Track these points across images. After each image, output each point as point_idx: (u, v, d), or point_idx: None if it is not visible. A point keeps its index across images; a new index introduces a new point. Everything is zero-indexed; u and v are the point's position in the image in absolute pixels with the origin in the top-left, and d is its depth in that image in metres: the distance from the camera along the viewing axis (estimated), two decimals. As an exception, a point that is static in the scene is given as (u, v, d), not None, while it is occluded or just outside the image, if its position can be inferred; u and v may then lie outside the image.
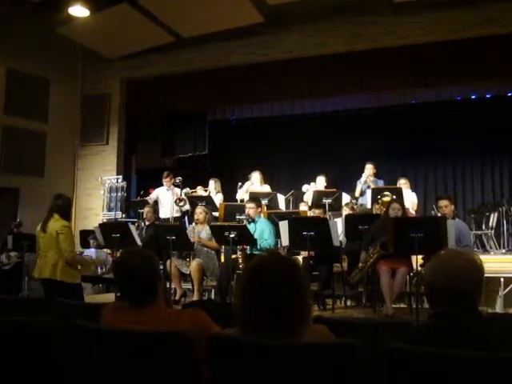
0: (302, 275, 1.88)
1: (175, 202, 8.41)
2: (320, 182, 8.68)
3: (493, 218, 8.66)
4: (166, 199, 8.70)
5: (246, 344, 1.81)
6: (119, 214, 9.80)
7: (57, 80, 10.42)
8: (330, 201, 7.80)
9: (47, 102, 10.23)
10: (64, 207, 5.07)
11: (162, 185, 8.83)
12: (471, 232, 7.59)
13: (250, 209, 6.62)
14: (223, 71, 10.04)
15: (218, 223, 7.28)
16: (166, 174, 8.78)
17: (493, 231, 8.58)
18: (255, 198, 7.19)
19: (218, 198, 8.60)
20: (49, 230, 4.96)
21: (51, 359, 2.26)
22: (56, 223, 4.96)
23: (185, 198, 8.49)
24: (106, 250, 8.26)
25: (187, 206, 8.51)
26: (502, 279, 6.39)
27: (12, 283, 7.67)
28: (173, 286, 6.54)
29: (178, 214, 8.72)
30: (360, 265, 5.88)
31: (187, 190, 8.85)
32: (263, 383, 1.79)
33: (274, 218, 6.87)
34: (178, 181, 8.56)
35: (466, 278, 1.80)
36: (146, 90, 10.75)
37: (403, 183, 8.28)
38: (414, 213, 7.89)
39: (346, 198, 8.20)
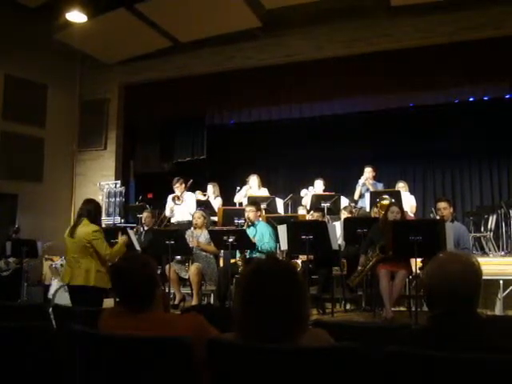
0: (300, 279, 1.88)
1: (172, 199, 8.21)
2: (318, 186, 8.67)
3: (491, 221, 8.65)
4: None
5: (245, 348, 1.81)
6: (118, 219, 9.80)
7: (55, 85, 10.42)
8: (328, 204, 7.81)
9: (45, 107, 10.24)
10: (94, 212, 4.97)
11: (169, 192, 8.35)
12: (470, 234, 7.57)
13: (251, 212, 6.60)
14: (221, 75, 10.06)
15: (217, 228, 7.25)
16: (175, 179, 8.24)
17: (491, 233, 8.57)
18: (255, 201, 7.16)
19: (217, 203, 8.58)
20: (78, 236, 4.85)
21: (50, 365, 2.25)
22: (85, 228, 4.85)
23: (182, 196, 8.26)
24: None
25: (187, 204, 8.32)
26: (501, 281, 6.37)
27: (11, 289, 7.65)
28: (172, 291, 6.53)
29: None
30: (359, 268, 5.87)
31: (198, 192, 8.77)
32: (262, 388, 1.78)
33: (273, 222, 6.86)
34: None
35: (463, 280, 1.80)
36: (144, 95, 10.75)
37: (401, 186, 8.30)
38: (412, 216, 7.88)
39: (344, 201, 8.20)
